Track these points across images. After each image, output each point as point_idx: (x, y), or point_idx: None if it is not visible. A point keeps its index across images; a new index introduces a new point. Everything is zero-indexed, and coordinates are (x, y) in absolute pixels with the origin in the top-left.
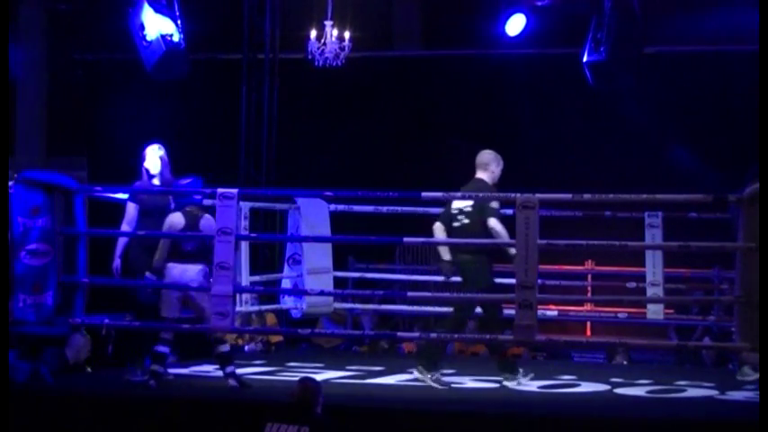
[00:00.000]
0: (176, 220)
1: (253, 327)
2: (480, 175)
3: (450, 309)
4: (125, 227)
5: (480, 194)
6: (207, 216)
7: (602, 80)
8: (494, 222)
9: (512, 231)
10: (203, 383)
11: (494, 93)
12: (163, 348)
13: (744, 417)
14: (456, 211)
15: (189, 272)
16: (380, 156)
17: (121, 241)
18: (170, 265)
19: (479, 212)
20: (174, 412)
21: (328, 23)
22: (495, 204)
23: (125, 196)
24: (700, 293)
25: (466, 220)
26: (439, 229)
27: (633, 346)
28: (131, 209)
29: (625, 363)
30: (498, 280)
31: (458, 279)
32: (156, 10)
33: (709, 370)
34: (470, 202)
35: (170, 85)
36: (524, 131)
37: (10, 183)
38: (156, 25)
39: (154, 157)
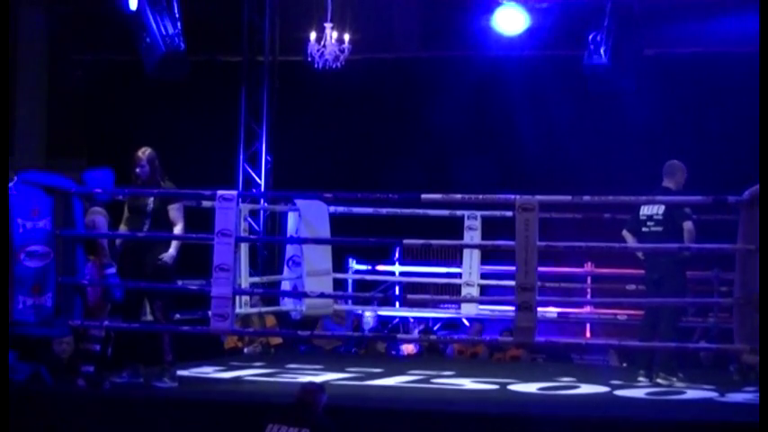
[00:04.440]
0: None
1: (252, 329)
2: (667, 183)
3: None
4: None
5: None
6: (91, 210)
7: (602, 82)
8: (691, 225)
9: (512, 233)
10: (203, 385)
11: (493, 95)
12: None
13: (743, 419)
14: (645, 218)
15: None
16: (380, 158)
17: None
18: None
19: (674, 218)
20: (174, 413)
21: (328, 25)
22: (688, 210)
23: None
24: (699, 295)
25: (657, 228)
26: (629, 237)
27: (632, 347)
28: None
29: (624, 365)
30: (498, 282)
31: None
32: (156, 11)
33: (709, 372)
34: (661, 209)
35: (169, 86)
36: (524, 133)
37: (10, 184)
38: (156, 26)
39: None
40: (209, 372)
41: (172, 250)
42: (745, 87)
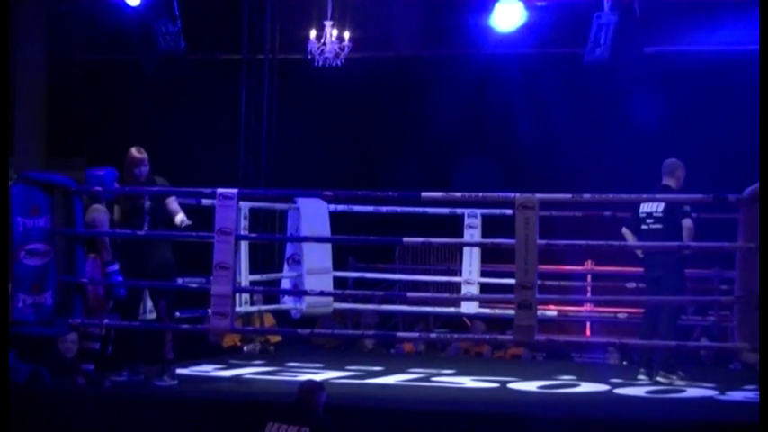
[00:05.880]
0: None
1: (252, 327)
2: (667, 181)
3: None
4: None
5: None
6: (92, 207)
7: (602, 80)
8: (690, 223)
9: (511, 232)
10: (203, 383)
11: (493, 93)
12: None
13: (744, 417)
14: (644, 215)
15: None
16: (380, 156)
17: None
18: None
19: (674, 216)
20: (173, 412)
21: (328, 23)
22: (687, 207)
23: None
24: (699, 293)
25: (657, 225)
26: (628, 235)
27: (632, 346)
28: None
29: (624, 363)
30: (498, 280)
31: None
32: (156, 10)
33: (709, 370)
34: (661, 207)
35: (169, 85)
36: (524, 131)
37: (10, 182)
38: (156, 25)
39: None
40: (208, 370)
41: (182, 215)
42: (745, 85)
